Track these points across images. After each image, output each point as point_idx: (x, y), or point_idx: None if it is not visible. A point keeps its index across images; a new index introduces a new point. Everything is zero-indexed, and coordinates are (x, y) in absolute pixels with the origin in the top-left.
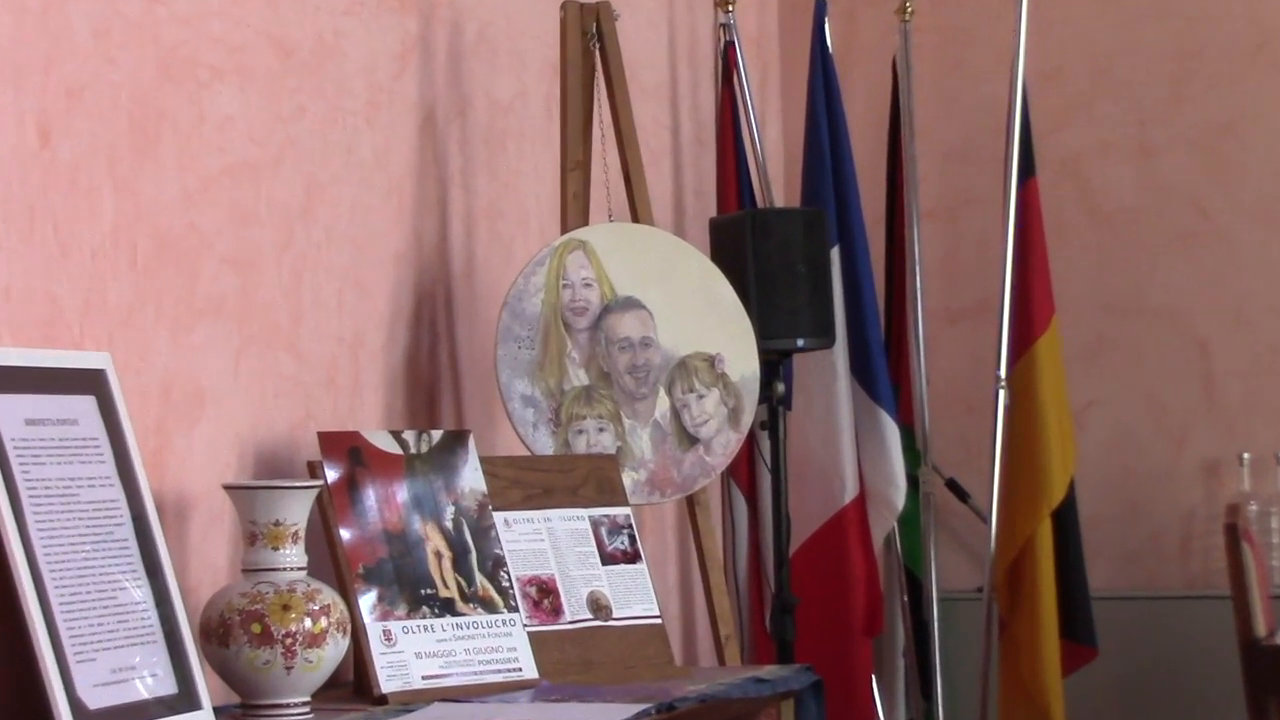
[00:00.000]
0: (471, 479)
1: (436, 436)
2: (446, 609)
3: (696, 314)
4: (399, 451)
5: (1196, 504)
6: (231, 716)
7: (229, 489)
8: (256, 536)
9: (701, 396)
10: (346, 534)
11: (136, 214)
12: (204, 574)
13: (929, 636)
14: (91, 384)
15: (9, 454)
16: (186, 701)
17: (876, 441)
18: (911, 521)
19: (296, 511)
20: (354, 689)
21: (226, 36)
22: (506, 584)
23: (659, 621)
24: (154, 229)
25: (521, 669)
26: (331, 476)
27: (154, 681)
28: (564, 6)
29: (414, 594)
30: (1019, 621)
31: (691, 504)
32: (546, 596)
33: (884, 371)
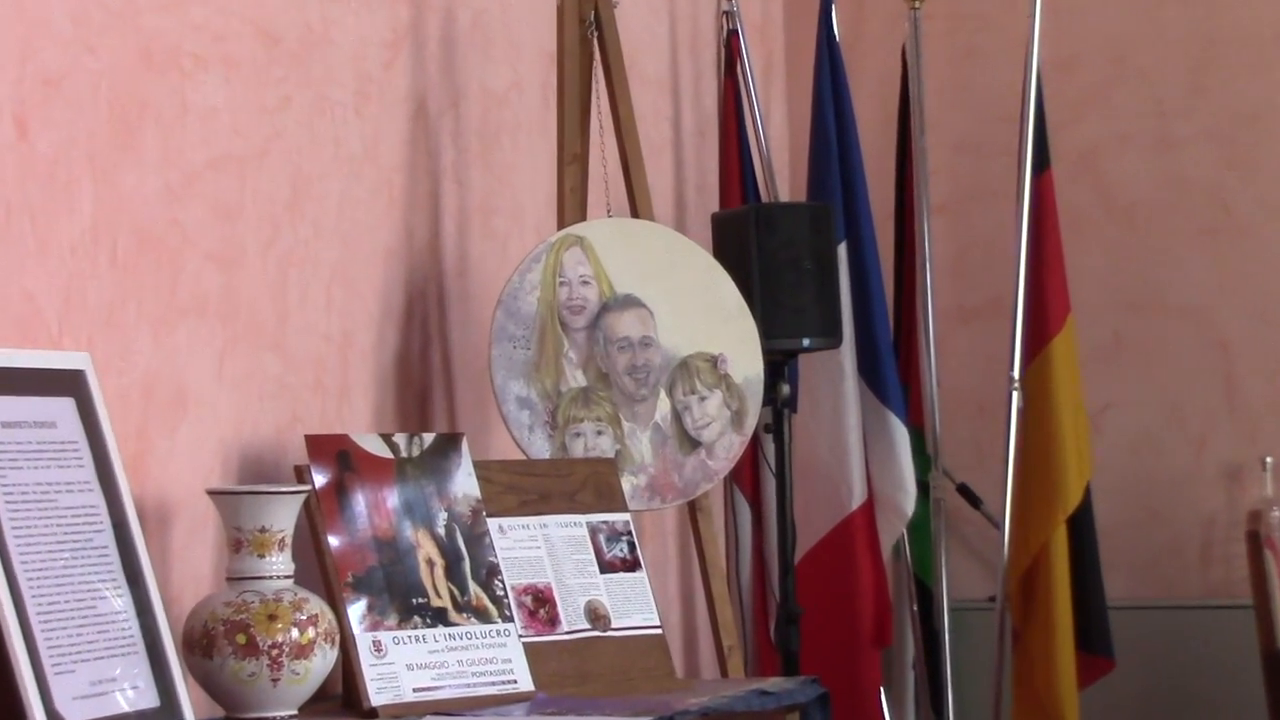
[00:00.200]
0: (465, 484)
1: (428, 440)
2: (439, 619)
3: (698, 313)
4: (389, 455)
5: (1217, 510)
6: None
7: (213, 494)
8: (241, 544)
9: (704, 398)
10: (335, 541)
11: (117, 209)
12: (187, 583)
13: (940, 648)
14: (70, 385)
15: None
16: (169, 715)
17: (885, 445)
18: (921, 528)
19: (283, 518)
20: (343, 702)
21: (210, 24)
22: (501, 593)
23: (659, 632)
24: (135, 224)
25: (517, 681)
26: (319, 481)
27: (135, 694)
28: None
29: (405, 603)
30: (1033, 632)
31: (693, 510)
32: (542, 606)
33: (893, 372)
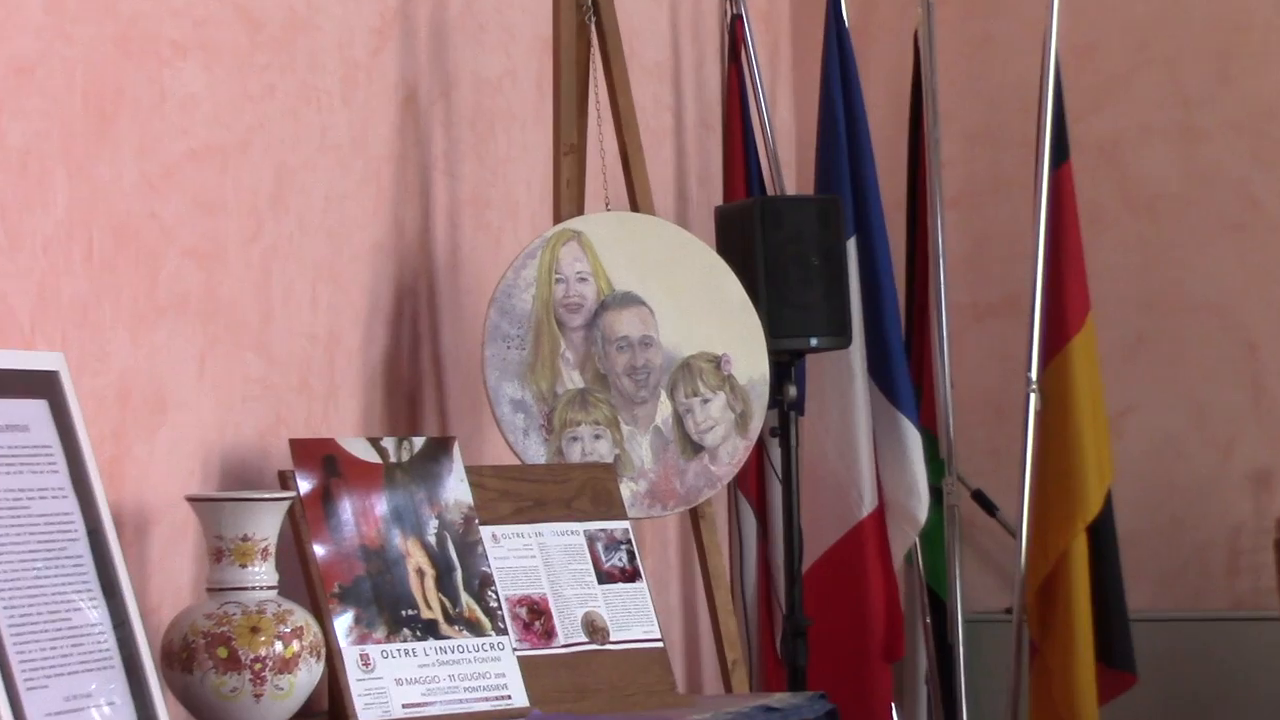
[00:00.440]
0: (456, 490)
1: (418, 444)
2: (429, 631)
3: (701, 311)
4: (377, 460)
5: (1244, 517)
6: None
7: (193, 501)
8: (223, 553)
9: (706, 401)
10: (320, 550)
11: (92, 202)
12: (166, 593)
13: (954, 662)
14: (43, 387)
15: None
16: None
17: (897, 449)
18: (934, 536)
19: (266, 525)
20: (329, 718)
21: (190, 9)
22: (494, 604)
23: (660, 645)
24: (111, 219)
25: (511, 697)
26: (304, 487)
27: (111, 710)
28: None
29: (394, 615)
30: (1051, 645)
31: (695, 517)
32: (538, 618)
33: (905, 373)
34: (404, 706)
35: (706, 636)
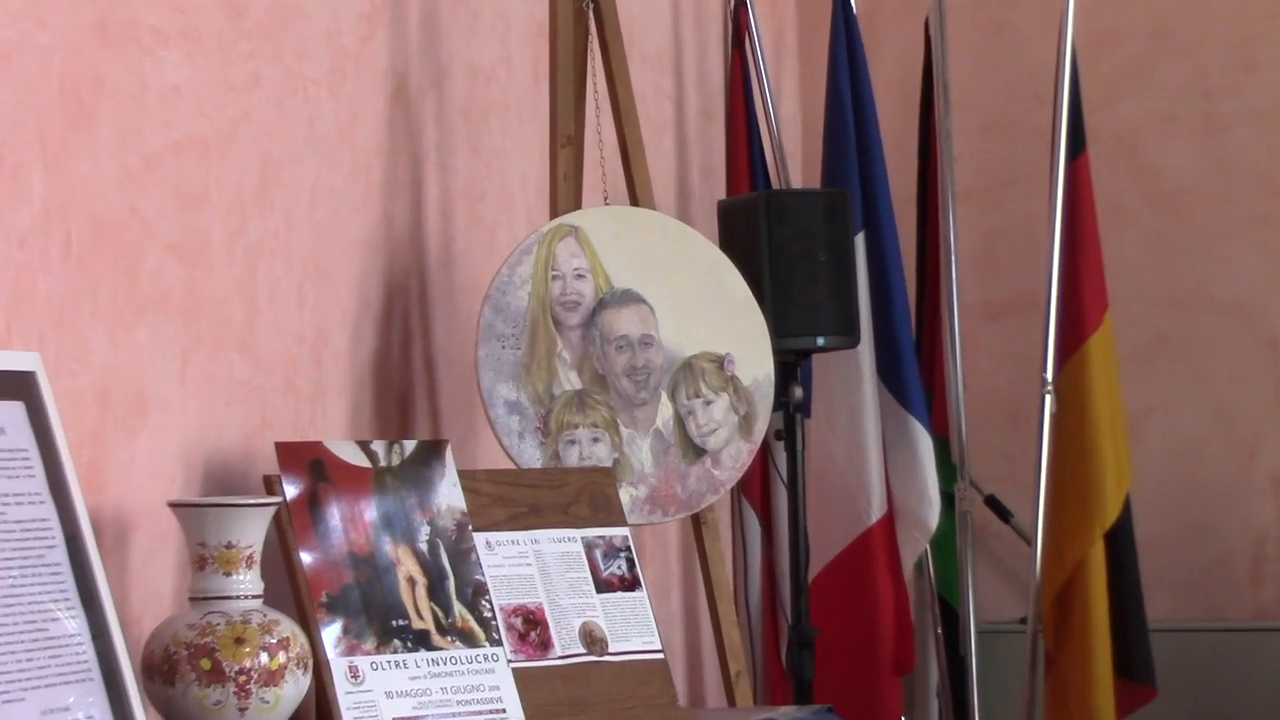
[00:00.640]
0: (449, 495)
1: (409, 447)
2: (421, 642)
3: (703, 309)
4: (367, 464)
5: (1269, 524)
6: None
7: (175, 507)
8: (206, 560)
9: (709, 402)
10: (308, 558)
11: (70, 196)
12: (147, 603)
13: (966, 674)
14: (19, 388)
15: None
16: None
17: (907, 453)
18: (946, 544)
19: (251, 532)
20: None
21: None
22: (489, 614)
23: (661, 656)
24: (90, 213)
25: (505, 710)
26: (291, 493)
27: None
28: None
29: (384, 625)
30: (1068, 657)
31: (698, 524)
32: (534, 628)
33: (915, 374)
34: None
35: (709, 647)
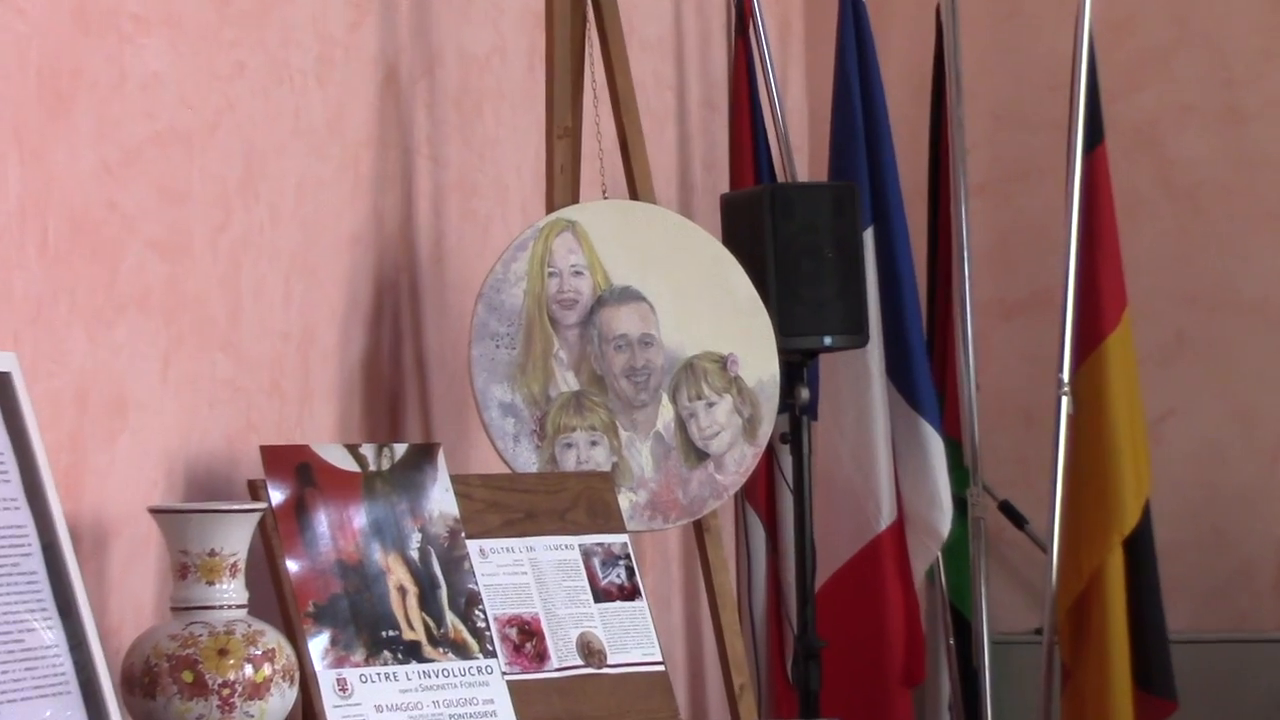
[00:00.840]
0: (441, 501)
1: (400, 451)
2: (412, 654)
3: (705, 307)
4: (355, 469)
5: None
6: None
7: (156, 513)
8: (188, 569)
9: (711, 404)
10: (294, 566)
11: (47, 190)
12: (126, 613)
13: (979, 687)
14: None
15: None
16: None
17: (917, 457)
18: (958, 551)
19: (235, 539)
20: None
21: None
22: (482, 625)
23: (661, 669)
24: (68, 208)
25: None
26: (276, 498)
27: None
28: None
29: (373, 636)
30: (1085, 669)
31: (700, 531)
32: (529, 639)
33: (926, 375)
34: None
35: (712, 659)
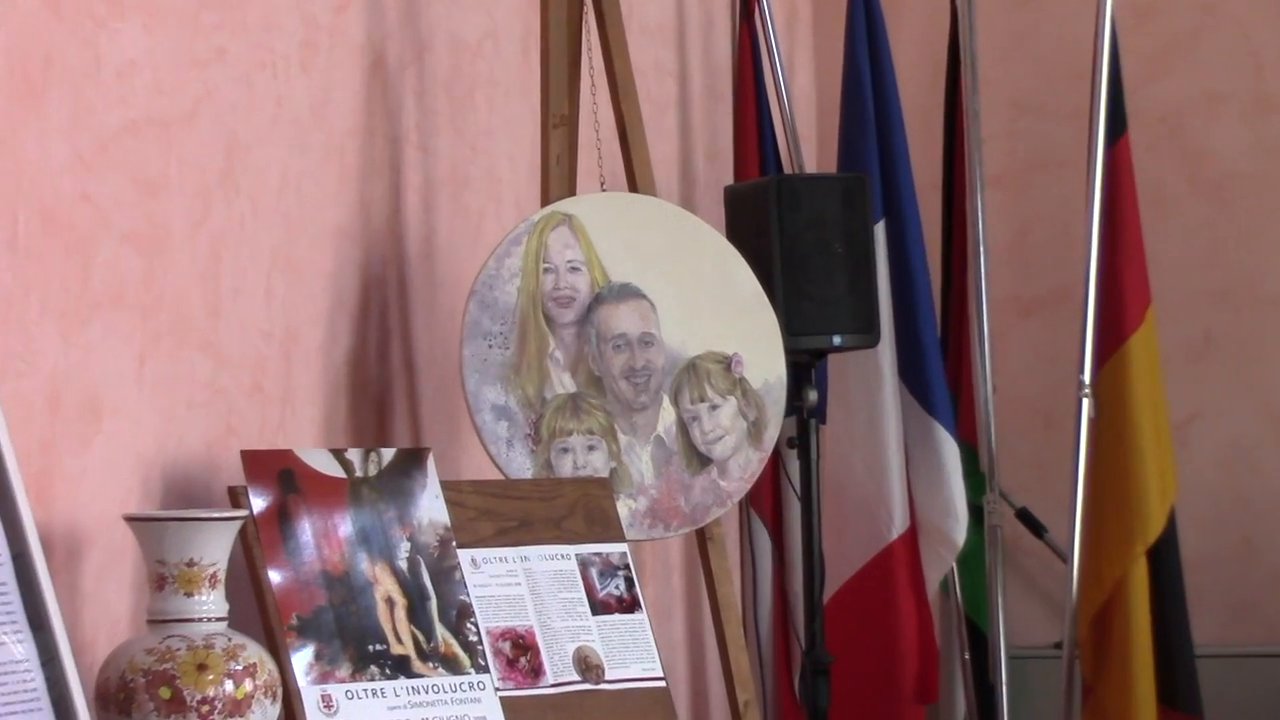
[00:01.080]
0: (431, 508)
1: (387, 456)
2: (400, 669)
3: (709, 305)
4: (341, 475)
5: None
6: None
7: (132, 521)
8: (165, 580)
9: (715, 407)
10: (277, 577)
11: (17, 182)
12: (101, 626)
13: (996, 704)
14: None
15: None
16: None
17: (931, 462)
18: (974, 561)
19: (215, 549)
20: None
21: None
22: (474, 638)
23: (662, 685)
24: (39, 200)
25: None
26: (258, 506)
27: None
28: None
29: (360, 651)
30: (1107, 685)
31: (703, 540)
32: (523, 654)
33: (940, 376)
34: None
35: (715, 675)
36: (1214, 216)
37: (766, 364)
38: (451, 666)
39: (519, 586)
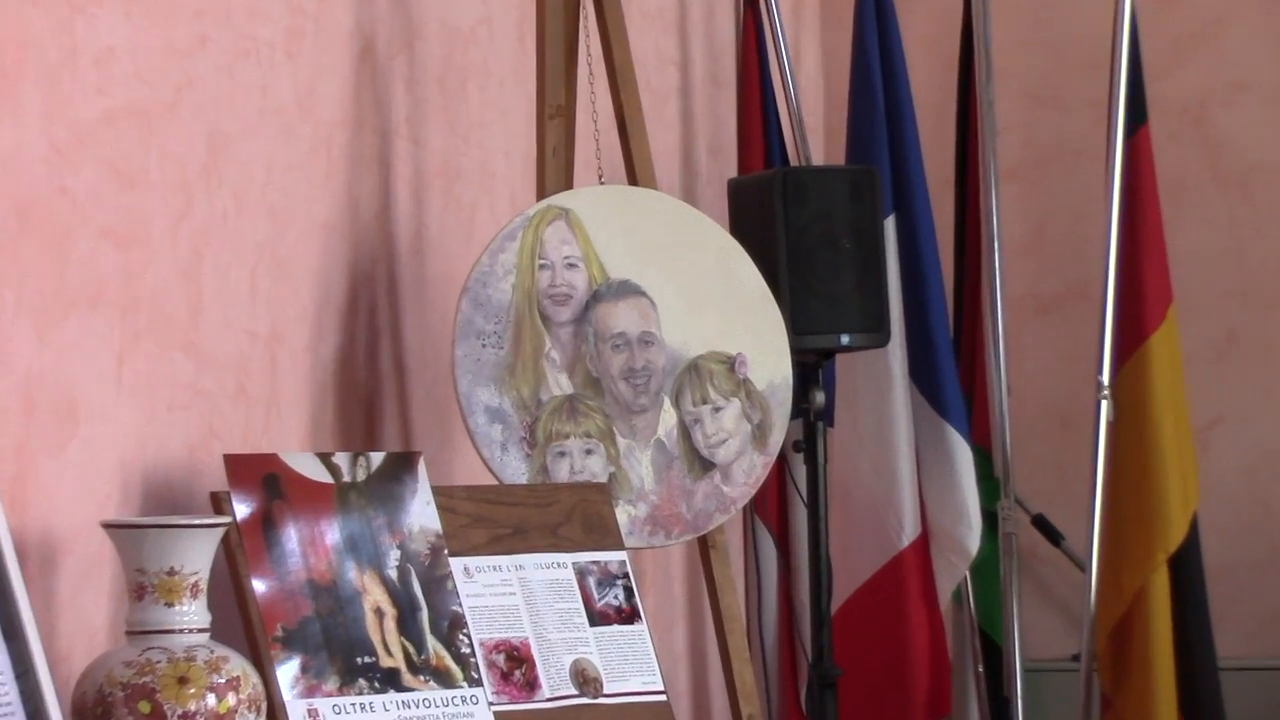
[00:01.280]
0: (422, 515)
1: (376, 461)
2: (389, 682)
3: (711, 303)
4: (328, 480)
5: None
6: None
7: (110, 528)
8: (145, 589)
9: (718, 409)
10: (261, 586)
11: None
12: (78, 637)
13: (1012, 718)
14: None
15: None
16: None
17: (943, 467)
18: (988, 570)
19: (196, 557)
20: None
21: None
22: (467, 650)
23: (663, 699)
24: (13, 193)
25: None
26: (241, 512)
27: None
28: None
29: (348, 663)
30: (1126, 698)
31: (705, 547)
32: (518, 666)
33: (953, 377)
34: None
35: (718, 688)
36: (1238, 210)
37: (771, 364)
38: (443, 680)
39: (513, 596)
